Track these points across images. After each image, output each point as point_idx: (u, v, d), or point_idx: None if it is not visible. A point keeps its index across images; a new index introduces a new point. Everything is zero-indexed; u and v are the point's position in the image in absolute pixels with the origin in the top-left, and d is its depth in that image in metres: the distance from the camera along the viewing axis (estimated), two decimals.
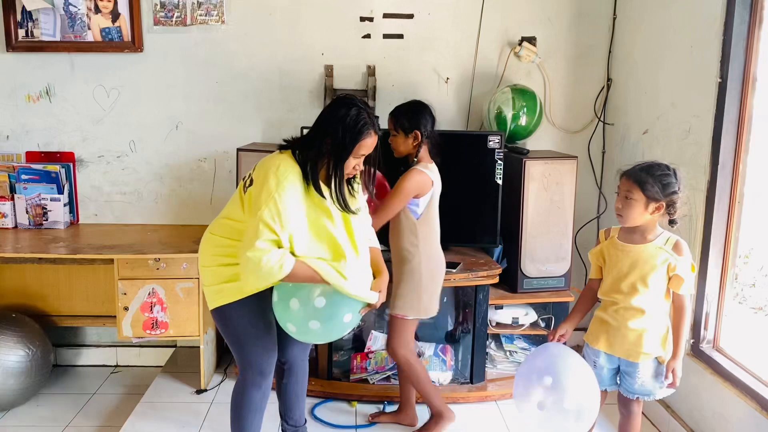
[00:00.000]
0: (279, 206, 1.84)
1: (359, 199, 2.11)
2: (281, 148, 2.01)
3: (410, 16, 3.14)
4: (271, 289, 2.03)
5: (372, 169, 2.09)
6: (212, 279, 2.04)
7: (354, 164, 1.97)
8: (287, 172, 1.90)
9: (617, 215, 2.07)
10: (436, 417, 2.57)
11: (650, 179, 1.99)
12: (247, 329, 2.06)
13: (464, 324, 3.02)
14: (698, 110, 2.44)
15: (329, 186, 1.95)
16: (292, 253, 1.88)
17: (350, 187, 2.06)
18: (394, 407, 2.73)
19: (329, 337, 2.06)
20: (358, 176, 2.09)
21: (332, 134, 1.92)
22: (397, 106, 2.44)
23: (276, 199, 1.84)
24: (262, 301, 2.04)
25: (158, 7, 3.05)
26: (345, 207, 1.96)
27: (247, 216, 1.94)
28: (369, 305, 2.04)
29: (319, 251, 1.94)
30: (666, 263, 2.01)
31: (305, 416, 2.42)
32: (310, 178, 1.92)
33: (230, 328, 2.07)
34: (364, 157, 1.99)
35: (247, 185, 1.99)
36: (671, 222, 2.04)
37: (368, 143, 1.96)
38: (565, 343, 2.20)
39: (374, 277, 2.09)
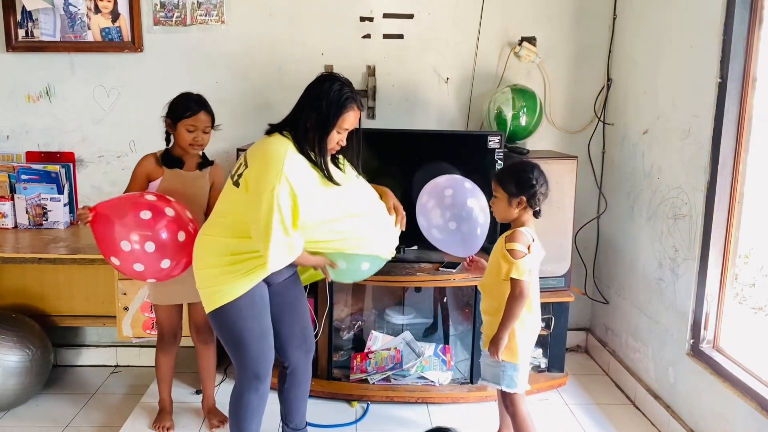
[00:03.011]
0: (290, 181, 1.84)
1: (348, 172, 2.15)
2: (268, 132, 2.03)
3: (410, 16, 3.14)
4: (264, 290, 2.07)
5: (358, 145, 2.12)
6: (211, 281, 2.01)
7: (338, 139, 2.00)
8: (283, 148, 1.91)
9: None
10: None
11: (508, 177, 2.14)
12: (243, 332, 2.04)
13: (455, 323, 3.02)
14: (698, 110, 2.44)
15: (314, 161, 1.97)
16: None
17: (336, 164, 2.10)
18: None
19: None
20: (341, 156, 2.13)
21: (316, 109, 1.94)
22: None
23: (285, 174, 1.84)
24: (258, 304, 2.05)
25: (158, 7, 3.05)
26: (331, 179, 1.99)
27: (250, 196, 1.91)
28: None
29: (338, 212, 2.00)
30: (502, 252, 2.11)
31: (306, 419, 2.41)
32: (303, 155, 1.95)
33: (227, 330, 2.05)
34: (347, 132, 2.01)
35: (239, 172, 1.97)
36: (535, 214, 2.16)
37: (351, 117, 1.98)
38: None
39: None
